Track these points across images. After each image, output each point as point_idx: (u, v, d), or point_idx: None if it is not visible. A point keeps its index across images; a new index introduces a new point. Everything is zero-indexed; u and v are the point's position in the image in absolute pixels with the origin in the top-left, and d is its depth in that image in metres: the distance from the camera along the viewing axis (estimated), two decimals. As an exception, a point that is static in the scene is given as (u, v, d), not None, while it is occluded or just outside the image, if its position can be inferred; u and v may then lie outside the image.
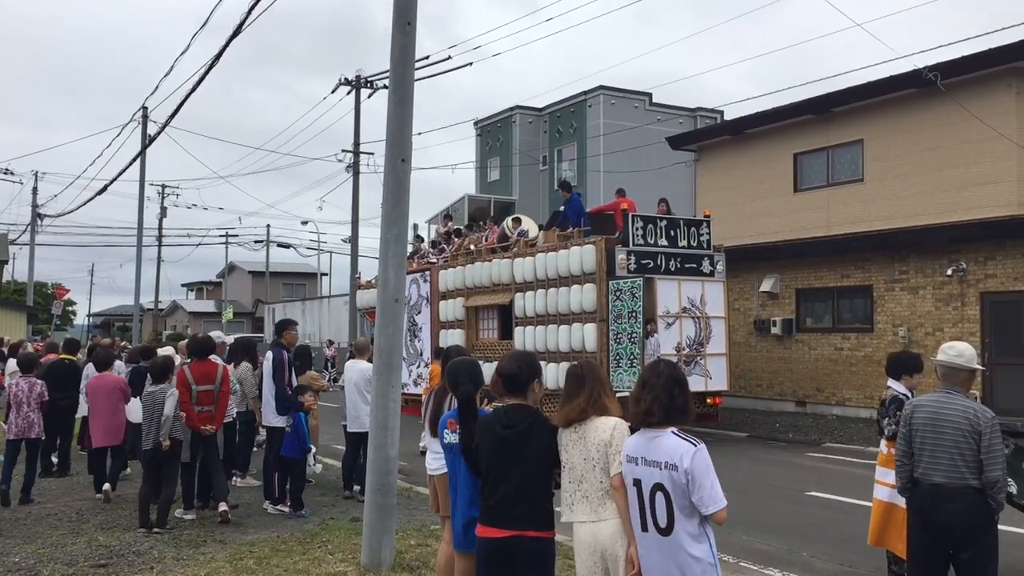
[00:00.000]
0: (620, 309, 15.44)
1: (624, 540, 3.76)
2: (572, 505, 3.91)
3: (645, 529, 3.62)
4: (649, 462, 3.59)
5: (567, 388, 4.01)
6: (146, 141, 24.08)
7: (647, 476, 3.59)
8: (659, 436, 3.62)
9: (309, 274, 76.73)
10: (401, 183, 6.88)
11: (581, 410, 3.90)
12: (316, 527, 8.17)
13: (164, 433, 8.15)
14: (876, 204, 17.97)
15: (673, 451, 3.53)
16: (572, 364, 4.18)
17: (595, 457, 3.84)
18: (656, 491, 3.55)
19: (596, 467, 3.84)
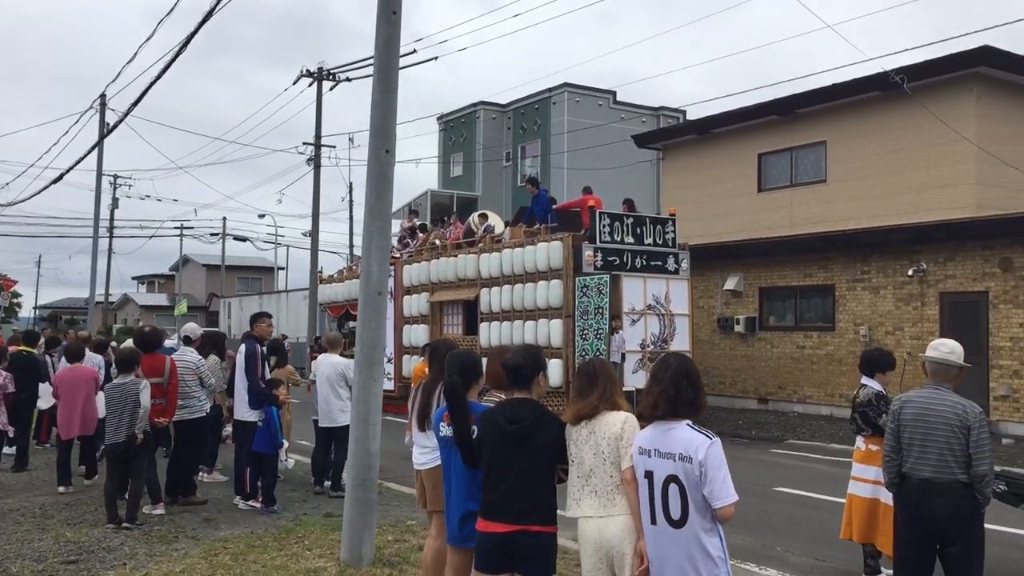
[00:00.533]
0: (587, 305, 15.48)
1: (632, 537, 3.76)
2: (579, 500, 3.90)
3: (654, 522, 3.61)
4: (662, 454, 3.59)
5: (578, 385, 4.00)
6: (104, 130, 23.54)
7: (660, 468, 3.58)
8: (673, 428, 3.62)
9: (265, 268, 75.67)
10: (385, 174, 6.80)
11: (593, 407, 3.90)
12: (290, 523, 8.05)
13: (141, 426, 8.00)
14: (838, 205, 18.25)
15: (688, 443, 3.54)
16: (584, 362, 4.17)
17: (606, 451, 3.83)
18: (669, 483, 3.55)
19: (607, 461, 3.83)
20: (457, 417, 4.46)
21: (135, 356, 8.58)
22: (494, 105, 36.88)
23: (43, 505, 8.74)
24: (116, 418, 8.00)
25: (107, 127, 23.36)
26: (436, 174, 39.63)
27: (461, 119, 37.73)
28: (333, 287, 24.37)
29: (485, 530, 4.04)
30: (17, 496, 9.29)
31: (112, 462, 8.07)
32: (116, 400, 8.04)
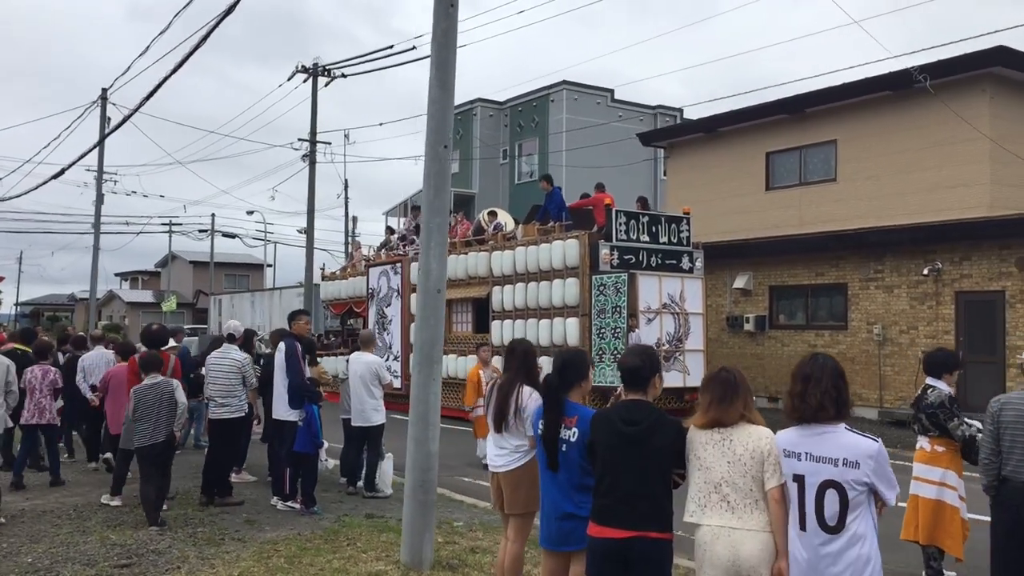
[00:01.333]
0: (603, 304, 15.43)
1: (771, 558, 3.65)
2: (705, 507, 3.78)
3: (804, 528, 3.52)
4: (817, 458, 3.50)
5: (716, 391, 3.87)
6: (105, 126, 23.22)
7: (813, 472, 3.50)
8: (830, 432, 3.53)
9: (253, 265, 75.10)
10: (443, 170, 6.69)
11: (739, 415, 3.80)
12: (333, 524, 7.92)
13: (179, 424, 8.02)
14: (849, 204, 18.27)
15: (854, 448, 3.46)
16: (720, 368, 4.05)
17: (747, 464, 3.71)
18: (826, 488, 3.46)
19: (748, 475, 3.71)
20: (547, 416, 4.37)
21: (159, 356, 8.50)
22: (491, 102, 36.73)
23: (76, 506, 8.56)
24: (152, 418, 7.86)
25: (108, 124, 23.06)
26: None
27: (457, 116, 37.49)
28: (336, 284, 24.21)
29: (600, 535, 3.94)
30: (46, 497, 9.11)
31: (149, 463, 7.91)
32: (151, 401, 7.91)
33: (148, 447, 7.87)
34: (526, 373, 5.54)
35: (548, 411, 4.33)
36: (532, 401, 5.43)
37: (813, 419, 3.60)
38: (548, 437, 4.29)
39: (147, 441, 7.86)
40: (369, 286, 21.76)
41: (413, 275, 20.04)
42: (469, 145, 36.70)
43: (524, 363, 5.54)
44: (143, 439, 7.88)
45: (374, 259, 22.89)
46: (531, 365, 5.57)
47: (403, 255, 21.35)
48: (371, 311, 21.56)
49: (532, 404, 5.42)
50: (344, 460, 10.09)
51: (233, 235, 62.75)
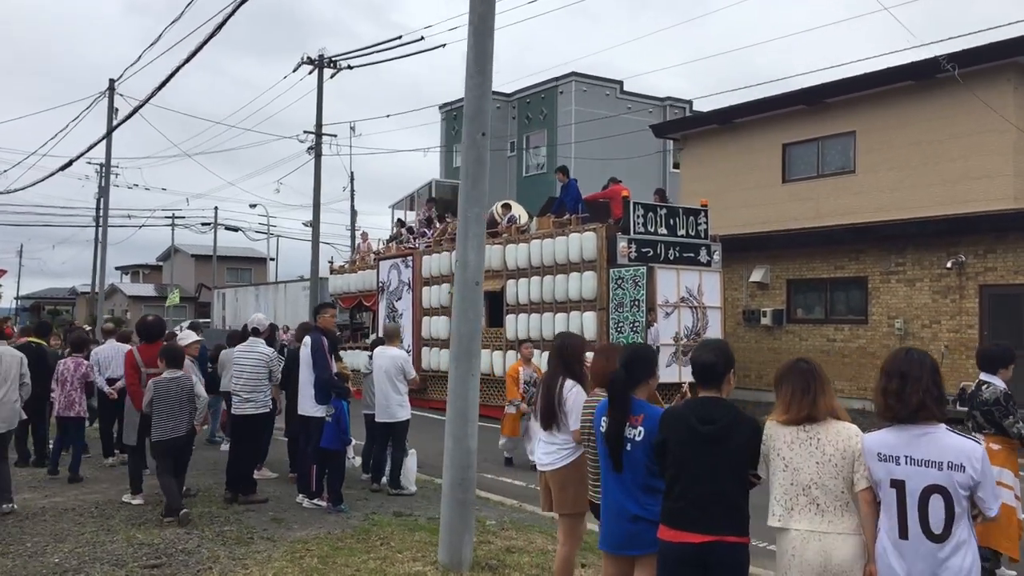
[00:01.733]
0: (621, 297, 15.22)
1: (863, 560, 3.46)
2: (791, 510, 3.57)
3: (904, 536, 3.31)
4: (919, 461, 3.29)
5: (798, 383, 3.67)
6: (112, 118, 22.97)
7: (916, 477, 3.29)
8: (931, 433, 3.33)
9: (256, 259, 74.91)
10: (481, 158, 6.48)
11: (829, 409, 3.60)
12: (362, 523, 7.72)
13: (200, 418, 7.97)
14: (868, 196, 18.03)
15: (958, 451, 3.26)
16: (796, 359, 3.85)
17: (838, 463, 3.51)
18: (931, 494, 3.25)
19: (839, 476, 3.51)
20: (612, 414, 4.16)
21: (181, 351, 8.39)
22: (498, 94, 36.40)
23: (98, 503, 8.36)
24: (173, 412, 7.76)
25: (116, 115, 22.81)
26: (438, 164, 39.16)
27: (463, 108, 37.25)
28: (344, 277, 23.98)
29: (674, 540, 3.73)
30: (65, 494, 8.90)
31: (170, 457, 7.79)
32: (172, 394, 7.78)
33: (172, 439, 7.74)
34: (566, 367, 5.39)
35: (613, 408, 4.13)
36: (572, 394, 5.28)
37: (911, 420, 3.40)
38: (612, 436, 4.09)
39: (169, 434, 7.73)
40: (379, 279, 21.55)
41: (425, 268, 19.86)
42: (476, 138, 36.44)
43: (564, 357, 5.39)
44: (164, 432, 7.74)
45: (384, 252, 22.68)
46: (571, 359, 5.41)
47: (414, 248, 21.15)
48: (381, 304, 21.35)
49: (571, 397, 5.27)
50: (367, 457, 9.90)
51: (236, 228, 62.59)
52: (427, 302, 19.70)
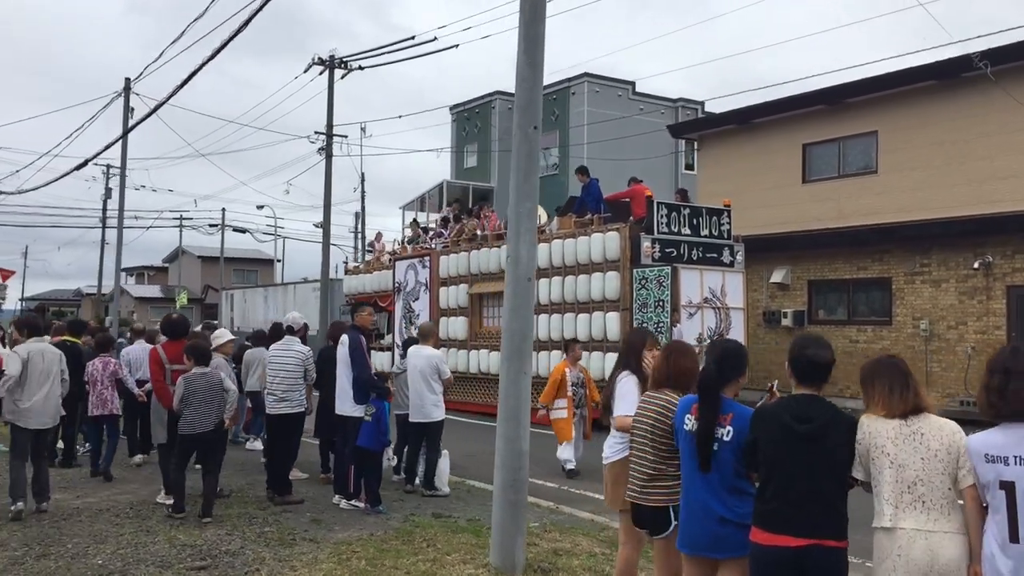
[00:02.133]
0: (645, 298, 15.08)
1: (967, 561, 3.34)
2: (898, 510, 3.44)
3: (1016, 540, 3.19)
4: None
5: (893, 377, 3.59)
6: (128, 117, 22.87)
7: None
8: None
9: (262, 260, 74.93)
10: (533, 153, 6.36)
11: (927, 403, 3.51)
12: (403, 524, 7.60)
13: (230, 412, 8.00)
14: (891, 196, 17.89)
15: None
16: (883, 355, 3.76)
17: (944, 460, 3.40)
18: None
19: (945, 472, 3.40)
20: (703, 412, 4.03)
21: (207, 347, 8.39)
22: (510, 95, 36.31)
23: (132, 504, 8.25)
24: (202, 408, 7.78)
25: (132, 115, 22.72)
26: (449, 165, 39.05)
27: (475, 109, 37.20)
28: (359, 278, 23.86)
29: (769, 543, 3.60)
30: (97, 494, 8.79)
31: (190, 450, 7.96)
32: (201, 390, 7.79)
33: (200, 434, 7.77)
34: (624, 360, 5.38)
35: (704, 406, 3.99)
36: (621, 383, 5.26)
37: (1016, 418, 3.27)
38: (702, 435, 3.96)
39: (198, 429, 7.75)
40: (396, 280, 21.42)
41: (443, 269, 19.73)
42: (487, 138, 36.37)
43: (623, 351, 5.43)
44: (192, 427, 7.75)
45: (400, 252, 22.57)
46: (628, 353, 5.41)
47: (431, 248, 21.03)
48: (398, 305, 21.22)
49: (620, 386, 5.25)
50: (407, 457, 9.78)
51: (244, 230, 62.45)
52: (445, 303, 19.57)
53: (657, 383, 4.76)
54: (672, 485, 4.50)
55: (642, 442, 4.58)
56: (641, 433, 4.59)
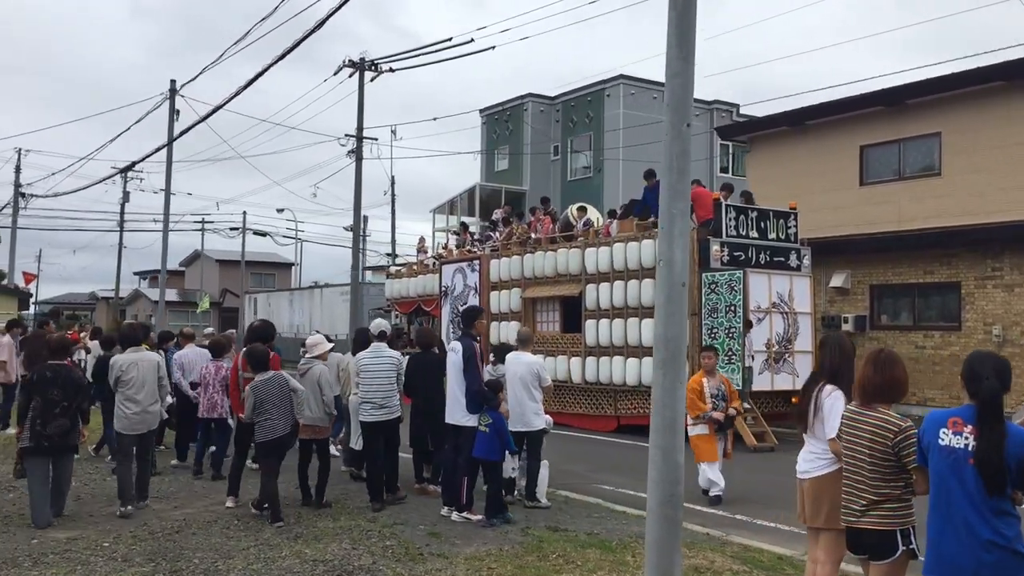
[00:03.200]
0: (715, 302, 14.78)
1: None
2: None
3: None
4: None
5: None
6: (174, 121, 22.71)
7: None
8: None
9: (280, 264, 74.90)
10: (686, 151, 6.03)
11: None
12: (524, 538, 7.30)
13: (300, 411, 7.97)
14: (955, 199, 17.54)
15: None
16: None
17: None
18: None
19: None
20: (988, 431, 3.69)
21: (263, 353, 8.35)
22: (542, 98, 36.10)
23: (236, 515, 7.98)
24: (273, 412, 7.78)
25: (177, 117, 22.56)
26: (479, 168, 38.77)
27: (507, 112, 36.94)
28: (403, 282, 23.58)
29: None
30: (193, 503, 8.54)
31: (275, 457, 7.90)
32: (271, 394, 7.81)
33: (275, 439, 7.78)
34: (830, 370, 5.12)
35: (990, 424, 3.64)
36: (829, 400, 5.04)
37: None
38: (987, 454, 3.61)
39: (271, 435, 7.76)
40: (442, 284, 21.16)
41: (493, 273, 19.45)
42: (518, 141, 36.11)
43: (830, 358, 5.14)
44: (266, 434, 7.77)
45: (446, 256, 22.30)
46: (837, 361, 5.11)
47: (480, 252, 20.77)
48: (444, 309, 20.95)
49: (828, 404, 5.03)
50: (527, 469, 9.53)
51: (264, 233, 62.27)
52: (495, 307, 19.28)
53: (867, 396, 4.48)
54: (899, 508, 4.22)
55: (859, 464, 4.32)
56: (857, 455, 4.32)
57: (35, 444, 7.48)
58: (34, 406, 7.52)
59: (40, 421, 7.46)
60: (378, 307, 39.26)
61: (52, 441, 7.48)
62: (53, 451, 7.56)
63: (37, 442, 7.47)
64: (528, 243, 19.04)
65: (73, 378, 7.80)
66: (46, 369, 7.72)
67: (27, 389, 7.82)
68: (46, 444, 7.48)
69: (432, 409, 9.08)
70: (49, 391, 7.52)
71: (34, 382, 7.70)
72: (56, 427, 7.47)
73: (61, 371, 7.71)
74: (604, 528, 7.83)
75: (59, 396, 7.53)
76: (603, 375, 16.29)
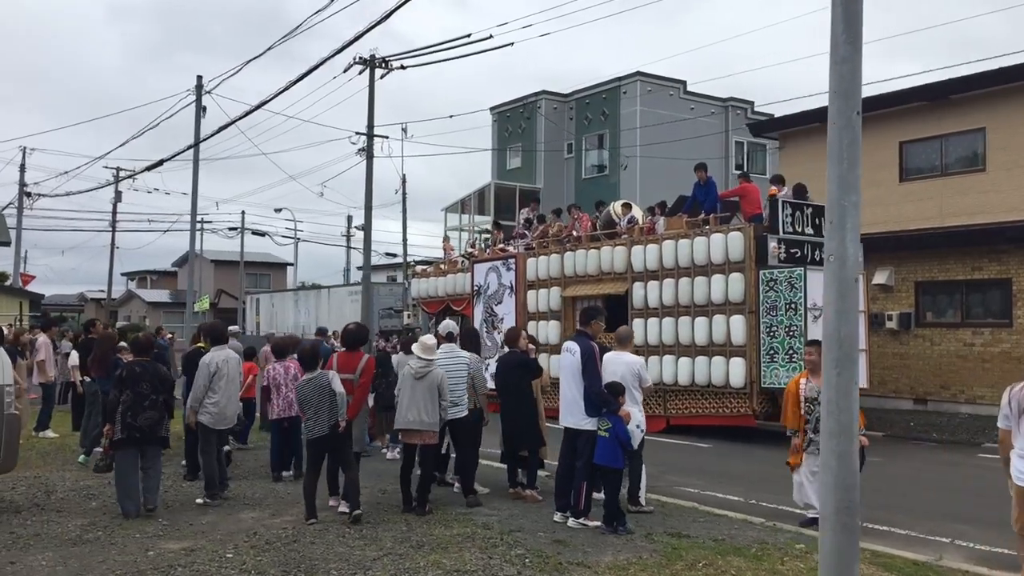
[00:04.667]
0: (774, 300, 14.51)
1: None
2: None
3: None
4: None
5: None
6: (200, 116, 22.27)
7: None
8: None
9: (276, 264, 74.32)
10: (856, 140, 5.75)
11: None
12: (653, 544, 7.01)
13: (342, 413, 7.78)
14: (1000, 195, 17.38)
15: None
16: None
17: None
18: None
19: None
20: None
21: (316, 353, 8.42)
22: (555, 95, 35.79)
23: (346, 523, 7.63)
24: (314, 411, 7.77)
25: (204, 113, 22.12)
26: (490, 166, 38.42)
27: (519, 109, 36.62)
28: (430, 281, 23.20)
29: None
30: (290, 510, 8.17)
31: (315, 455, 7.97)
32: (311, 395, 7.79)
33: (316, 440, 7.82)
34: None
35: None
36: None
37: None
38: None
39: (313, 434, 7.80)
40: (475, 283, 20.82)
41: (530, 271, 19.13)
42: (531, 139, 35.82)
43: None
44: (310, 432, 7.86)
45: (477, 255, 21.97)
46: None
47: (515, 250, 20.45)
48: (477, 309, 20.62)
49: None
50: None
51: (263, 233, 61.65)
52: (532, 306, 18.98)
53: None
54: None
55: None
56: None
57: (127, 435, 7.85)
58: (124, 399, 7.89)
59: (131, 414, 7.86)
60: (387, 307, 38.97)
61: (143, 432, 7.88)
62: (143, 442, 7.96)
63: (129, 433, 7.85)
64: (566, 241, 18.75)
65: (160, 373, 8.23)
66: (135, 365, 8.13)
67: (117, 385, 8.09)
68: (137, 435, 7.88)
69: (526, 409, 8.93)
70: (139, 385, 7.94)
71: (124, 377, 8.02)
72: (146, 419, 7.89)
73: (149, 366, 8.16)
74: (724, 533, 7.56)
75: (148, 390, 7.96)
76: (652, 374, 15.99)
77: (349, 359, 8.53)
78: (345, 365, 8.43)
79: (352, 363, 8.44)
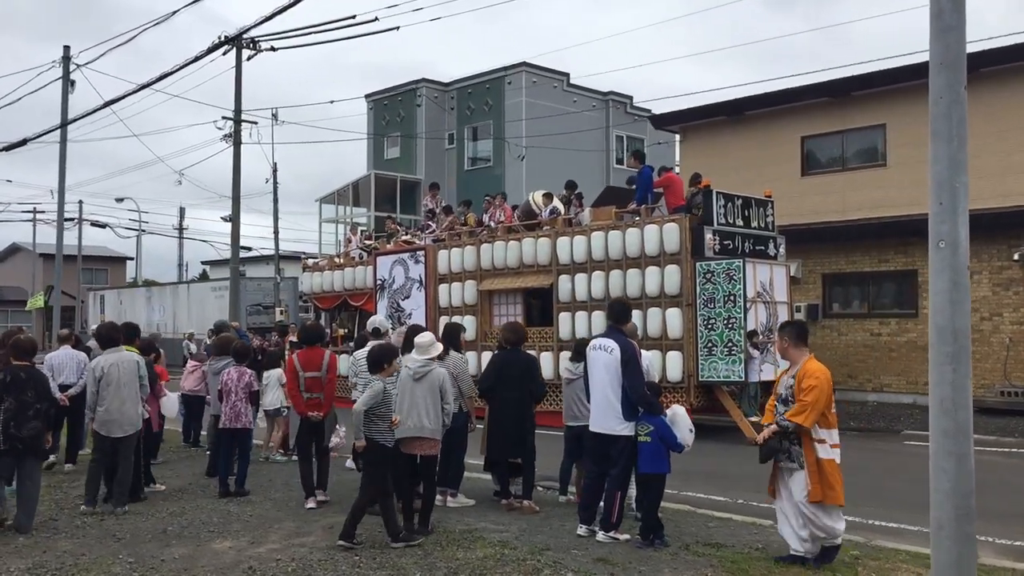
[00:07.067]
0: (712, 292, 14.31)
1: None
2: None
3: None
4: None
5: None
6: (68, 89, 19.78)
7: None
8: None
9: (114, 258, 69.31)
10: (964, 118, 5.39)
11: None
12: (695, 558, 6.42)
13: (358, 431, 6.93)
14: (902, 189, 17.96)
15: None
16: None
17: None
18: None
19: None
20: None
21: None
22: (436, 84, 34.80)
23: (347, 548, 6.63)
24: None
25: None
26: (365, 156, 36.98)
27: (398, 97, 35.38)
28: (324, 275, 21.82)
29: None
30: (269, 537, 7.05)
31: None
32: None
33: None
34: None
35: None
36: None
37: None
38: None
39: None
40: (378, 276, 19.72)
41: (442, 264, 18.23)
42: (411, 128, 34.69)
43: None
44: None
45: (380, 248, 20.80)
46: None
47: (411, 243, 19.51)
48: (381, 304, 19.51)
49: None
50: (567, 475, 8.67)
51: (104, 225, 57.35)
52: (444, 301, 18.13)
53: None
54: None
55: None
56: None
57: (8, 447, 7.23)
58: (6, 407, 7.25)
59: (14, 423, 7.23)
60: (256, 303, 36.86)
61: (25, 443, 7.28)
62: (24, 454, 7.34)
63: (11, 444, 7.23)
64: (480, 232, 17.99)
65: (44, 380, 7.70)
66: (19, 370, 7.44)
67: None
68: (19, 447, 7.27)
69: (526, 414, 8.21)
70: (24, 392, 7.32)
71: (7, 383, 7.32)
72: (30, 429, 7.29)
73: (34, 372, 7.62)
74: (759, 541, 7.07)
75: (33, 398, 7.35)
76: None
77: (312, 356, 8.58)
78: (309, 363, 8.50)
79: (316, 360, 8.54)
